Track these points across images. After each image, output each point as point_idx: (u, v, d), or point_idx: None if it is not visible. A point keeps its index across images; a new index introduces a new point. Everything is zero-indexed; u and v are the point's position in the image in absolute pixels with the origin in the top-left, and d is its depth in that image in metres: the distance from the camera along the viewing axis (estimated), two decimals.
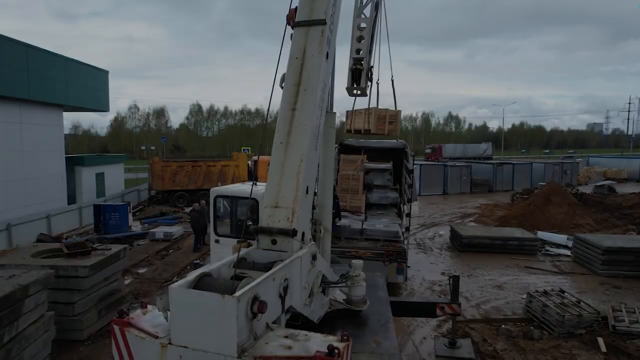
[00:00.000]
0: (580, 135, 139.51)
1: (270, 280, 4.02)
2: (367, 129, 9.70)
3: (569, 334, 9.67)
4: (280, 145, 5.24)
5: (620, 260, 13.39)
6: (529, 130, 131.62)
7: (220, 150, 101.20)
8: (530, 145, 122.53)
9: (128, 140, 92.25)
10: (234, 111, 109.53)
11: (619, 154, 79.10)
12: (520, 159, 74.03)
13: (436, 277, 13.52)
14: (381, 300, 7.45)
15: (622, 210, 24.31)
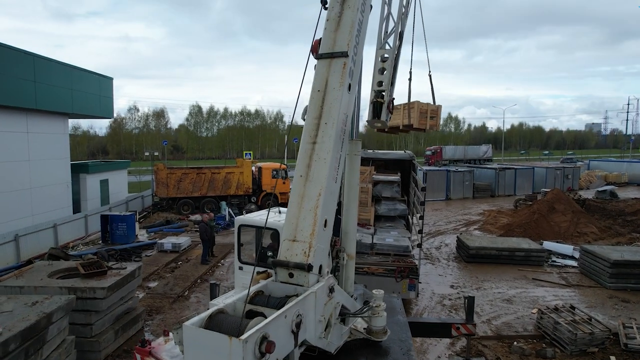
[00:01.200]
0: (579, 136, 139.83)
1: (281, 318, 4.12)
2: (407, 125, 9.38)
3: (581, 352, 9.76)
4: (300, 179, 5.33)
5: (628, 274, 13.50)
6: (527, 131, 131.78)
7: (219, 151, 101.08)
8: (529, 146, 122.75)
9: (128, 142, 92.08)
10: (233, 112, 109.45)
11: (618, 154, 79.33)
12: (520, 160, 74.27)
13: (445, 290, 13.60)
14: (401, 325, 7.53)
15: (624, 217, 24.47)
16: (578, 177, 37.08)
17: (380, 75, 6.39)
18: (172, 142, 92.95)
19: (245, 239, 8.49)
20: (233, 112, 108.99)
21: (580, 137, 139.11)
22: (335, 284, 5.41)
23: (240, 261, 8.25)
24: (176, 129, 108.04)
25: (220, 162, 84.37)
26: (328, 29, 5.78)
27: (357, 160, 7.15)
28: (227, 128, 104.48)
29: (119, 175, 30.08)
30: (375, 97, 6.40)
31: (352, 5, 5.64)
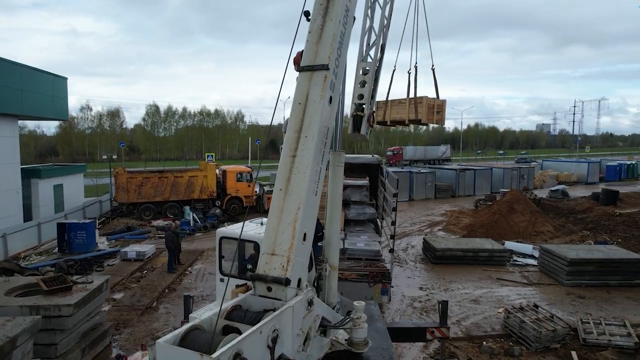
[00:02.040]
0: (531, 136, 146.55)
1: (256, 333, 4.17)
2: (413, 119, 9.42)
3: (545, 349, 10.22)
4: (279, 192, 5.33)
5: (583, 271, 14.26)
6: (483, 131, 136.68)
7: (178, 152, 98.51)
8: (485, 146, 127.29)
9: (80, 142, 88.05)
10: (192, 112, 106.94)
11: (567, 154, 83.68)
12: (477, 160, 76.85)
13: (415, 292, 13.87)
14: (381, 333, 7.63)
15: (576, 215, 25.87)
16: (532, 177, 38.85)
17: (361, 88, 6.42)
18: (128, 142, 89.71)
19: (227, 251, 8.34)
20: (192, 112, 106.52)
21: (532, 137, 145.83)
22: (314, 297, 5.41)
23: (222, 273, 8.10)
24: (132, 129, 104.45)
25: (179, 163, 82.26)
26: (310, 41, 5.77)
27: (340, 171, 7.16)
28: (185, 128, 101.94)
29: (74, 179, 28.71)
30: (355, 110, 6.42)
31: (334, 17, 5.64)
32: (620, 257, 14.42)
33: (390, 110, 9.95)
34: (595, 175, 42.65)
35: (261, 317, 4.65)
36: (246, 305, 5.15)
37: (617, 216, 24.92)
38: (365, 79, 6.39)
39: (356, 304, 6.73)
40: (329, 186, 7.20)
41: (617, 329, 10.79)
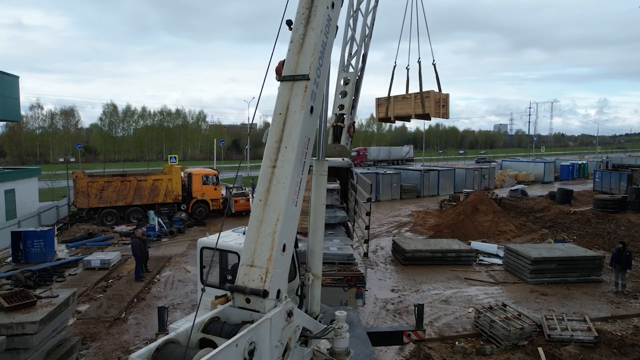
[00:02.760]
0: (489, 136, 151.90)
1: (232, 347, 4.12)
2: (420, 114, 9.38)
3: (514, 346, 10.60)
4: (259, 203, 5.31)
5: (545, 269, 14.88)
6: (444, 131, 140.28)
7: (137, 152, 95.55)
8: (446, 146, 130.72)
9: (30, 143, 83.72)
10: (152, 111, 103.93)
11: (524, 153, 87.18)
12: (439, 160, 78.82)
13: (387, 294, 14.05)
14: (362, 339, 7.69)
15: (535, 214, 26.99)
16: (493, 177, 40.22)
17: (341, 99, 6.41)
18: (84, 143, 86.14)
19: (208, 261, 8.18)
20: (152, 112, 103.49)
21: (490, 137, 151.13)
22: (294, 308, 5.41)
23: (203, 283, 7.95)
24: (87, 129, 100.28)
25: (139, 164, 79.80)
26: (291, 51, 5.74)
27: (323, 180, 7.15)
28: (145, 128, 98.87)
29: (27, 183, 27.32)
30: (335, 120, 6.41)
31: (316, 27, 5.63)
32: (578, 255, 15.15)
33: (394, 106, 9.92)
34: (551, 175, 44.69)
35: (239, 329, 4.63)
36: (225, 317, 5.11)
37: (572, 214, 26.22)
38: (346, 89, 6.39)
39: (338, 313, 6.74)
40: (312, 195, 7.18)
41: (578, 324, 11.34)
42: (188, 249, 19.53)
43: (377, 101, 10.56)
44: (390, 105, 9.82)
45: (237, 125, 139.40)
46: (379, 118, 10.26)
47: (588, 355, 10.22)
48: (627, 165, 40.95)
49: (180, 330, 4.81)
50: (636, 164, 42.61)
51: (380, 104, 10.30)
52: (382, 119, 10.26)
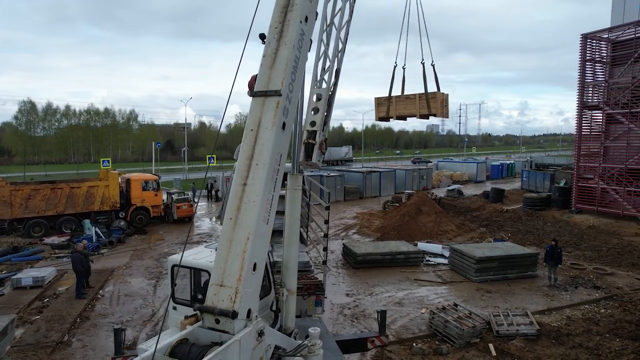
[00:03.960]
0: (423, 136, 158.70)
1: None
2: (425, 114, 9.41)
3: (467, 344, 11.15)
4: (229, 221, 5.28)
5: (488, 268, 15.79)
6: (380, 132, 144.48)
7: (61, 154, 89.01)
8: (382, 146, 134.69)
9: None
10: (77, 110, 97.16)
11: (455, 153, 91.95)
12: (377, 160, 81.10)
13: (342, 299, 14.22)
14: (333, 350, 7.75)
15: (472, 213, 28.55)
16: (431, 178, 42.06)
17: (313, 115, 6.40)
18: None
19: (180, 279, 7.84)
20: (77, 110, 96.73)
21: (424, 137, 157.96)
22: (265, 327, 5.37)
23: (174, 301, 7.61)
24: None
25: (64, 167, 74.36)
26: (264, 66, 5.68)
27: (298, 194, 7.09)
28: (70, 128, 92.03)
29: None
30: (307, 137, 6.38)
31: (289, 42, 5.59)
32: (517, 253, 16.24)
33: (396, 106, 9.98)
34: (483, 174, 47.58)
35: (207, 351, 4.54)
36: (194, 338, 5.02)
37: (505, 212, 28.06)
38: (318, 106, 6.38)
39: (312, 330, 6.75)
40: (287, 210, 7.12)
41: (521, 319, 12.16)
42: (131, 260, 18.53)
43: (376, 101, 10.64)
44: (392, 105, 9.96)
45: (171, 125, 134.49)
46: (379, 117, 10.36)
47: (532, 348, 10.99)
48: (547, 165, 44.55)
49: (146, 355, 4.59)
50: (554, 163, 46.37)
51: (380, 103, 10.37)
52: (382, 118, 10.41)
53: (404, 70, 9.64)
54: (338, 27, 6.23)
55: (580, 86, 26.37)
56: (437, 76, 9.45)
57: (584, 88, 26.33)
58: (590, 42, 25.93)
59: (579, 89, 26.42)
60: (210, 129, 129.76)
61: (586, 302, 14.09)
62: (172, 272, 7.62)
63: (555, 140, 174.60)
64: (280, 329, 6.99)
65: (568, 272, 16.59)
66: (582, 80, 26.29)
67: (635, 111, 23.90)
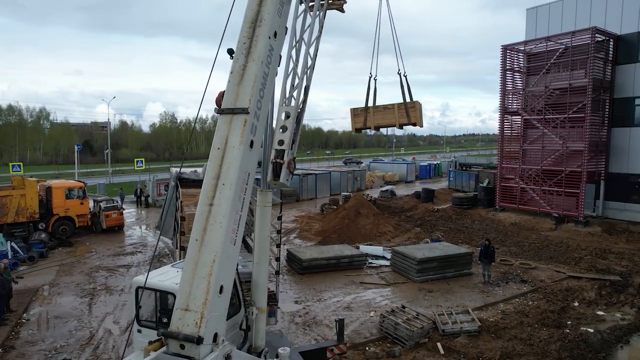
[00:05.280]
0: (352, 137, 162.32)
1: None
2: (405, 123, 9.37)
3: (417, 344, 11.61)
4: (195, 243, 5.28)
5: (428, 268, 16.54)
6: (310, 132, 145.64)
7: None
8: (313, 146, 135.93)
9: None
10: None
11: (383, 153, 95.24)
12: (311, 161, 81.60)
13: (292, 307, 14.16)
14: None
15: (405, 213, 29.72)
16: (364, 179, 43.19)
17: (281, 134, 6.32)
18: None
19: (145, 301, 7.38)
20: None
21: (353, 137, 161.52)
22: (232, 350, 5.32)
23: (139, 324, 7.16)
24: None
25: None
26: (231, 82, 5.60)
27: (267, 211, 6.96)
28: None
29: None
30: (275, 156, 6.30)
31: (257, 58, 5.53)
32: (454, 253, 17.19)
33: (374, 116, 9.98)
34: (413, 175, 49.78)
35: None
36: None
37: (436, 212, 29.56)
38: (287, 124, 6.31)
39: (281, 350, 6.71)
40: (257, 227, 6.98)
41: (464, 317, 12.89)
42: (58, 277, 17.05)
43: (352, 111, 10.62)
44: (369, 116, 9.99)
45: (88, 124, 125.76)
46: (356, 128, 10.34)
47: (475, 344, 11.69)
48: (470, 164, 47.63)
49: None
50: (476, 162, 49.72)
51: (356, 114, 10.35)
52: (359, 129, 10.41)
53: (375, 81, 9.85)
54: (307, 43, 6.19)
55: (502, 93, 28.51)
56: (409, 86, 9.78)
57: (505, 95, 28.49)
58: (509, 53, 28.11)
59: (501, 96, 28.56)
60: (133, 128, 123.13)
61: (516, 296, 15.27)
62: (136, 294, 7.23)
63: (474, 140, 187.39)
64: (250, 348, 6.84)
65: (499, 268, 17.85)
66: (503, 88, 28.44)
67: (548, 117, 26.31)
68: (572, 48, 25.17)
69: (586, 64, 24.53)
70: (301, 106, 6.43)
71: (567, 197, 25.42)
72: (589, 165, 24.78)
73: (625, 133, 25.70)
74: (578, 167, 24.87)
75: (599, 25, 25.16)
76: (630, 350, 12.07)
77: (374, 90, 10.24)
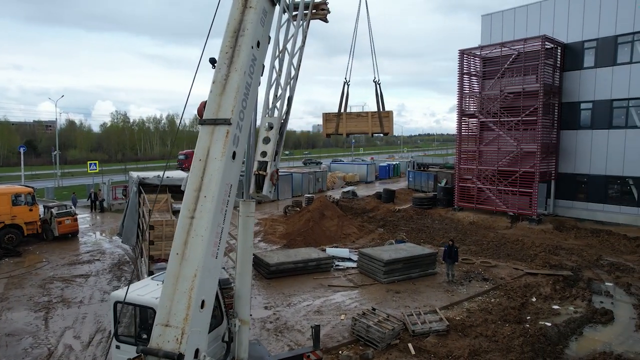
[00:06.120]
0: (310, 137, 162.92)
1: None
2: (377, 132, 9.32)
3: (389, 346, 11.78)
4: (176, 257, 5.23)
5: (394, 269, 16.83)
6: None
7: None
8: None
9: None
10: None
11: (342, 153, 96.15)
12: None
13: (262, 313, 14.00)
14: None
15: (368, 214, 30.13)
16: (326, 180, 43.37)
17: (264, 145, 6.25)
18: None
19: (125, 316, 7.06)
20: None
21: (311, 137, 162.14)
22: None
23: (118, 340, 6.85)
24: None
25: None
26: (213, 92, 5.51)
27: (250, 222, 6.85)
28: None
29: None
30: (258, 168, 6.22)
31: (240, 68, 5.47)
32: (419, 253, 17.58)
33: (346, 123, 9.86)
34: (373, 175, 50.54)
35: None
36: None
37: (397, 212, 30.16)
38: (270, 135, 6.24)
39: None
40: (239, 238, 6.86)
41: (432, 317, 13.21)
42: (7, 290, 15.98)
43: (324, 116, 10.46)
44: (342, 122, 9.90)
45: (29, 122, 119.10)
46: (327, 134, 10.22)
47: (444, 343, 12.01)
48: (427, 164, 48.96)
49: None
50: (432, 162, 51.17)
51: (328, 119, 10.21)
52: (331, 134, 10.28)
53: (347, 86, 9.83)
54: (291, 53, 6.13)
55: (460, 96, 29.47)
56: (382, 94, 9.84)
57: (462, 98, 29.48)
58: (466, 58, 29.11)
59: (459, 99, 29.52)
60: (82, 128, 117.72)
61: (479, 294, 15.83)
62: (114, 309, 6.94)
63: (430, 140, 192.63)
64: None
65: (461, 267, 18.42)
66: (461, 91, 29.42)
67: (503, 120, 27.47)
68: (524, 54, 26.41)
69: (537, 69, 25.80)
70: (284, 117, 6.37)
71: (521, 197, 26.67)
72: (541, 165, 26.10)
73: (572, 135, 27.29)
74: (531, 168, 26.13)
75: (548, 34, 26.55)
76: (584, 341, 12.81)
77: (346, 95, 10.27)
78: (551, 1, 27.48)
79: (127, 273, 17.88)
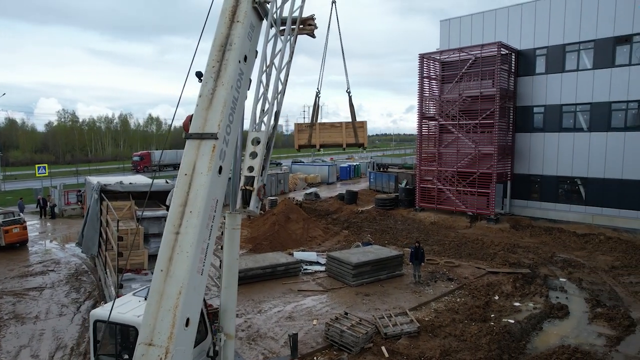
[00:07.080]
0: None
1: None
2: (353, 143, 9.11)
3: (362, 350, 11.88)
4: (160, 274, 5.16)
5: (363, 272, 16.99)
6: None
7: None
8: None
9: None
10: None
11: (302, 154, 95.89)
12: None
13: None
14: None
15: (331, 216, 30.28)
16: (288, 181, 43.17)
17: (251, 160, 6.15)
18: None
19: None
20: None
21: None
22: None
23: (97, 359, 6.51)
24: None
25: None
26: (200, 106, 5.43)
27: (236, 234, 6.71)
28: None
29: None
30: (245, 183, 6.12)
31: (226, 82, 5.41)
32: (386, 256, 17.83)
33: (320, 133, 9.60)
34: (334, 176, 50.81)
35: None
36: None
37: (360, 214, 30.49)
38: (257, 150, 6.15)
39: None
40: (225, 250, 6.72)
41: (402, 319, 13.45)
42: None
43: (296, 127, 10.17)
44: (315, 133, 9.68)
45: None
46: (300, 145, 9.97)
47: (416, 344, 12.26)
48: (387, 165, 49.84)
49: None
50: (392, 162, 52.19)
51: (300, 130, 9.93)
52: (303, 145, 10.04)
53: (319, 98, 9.75)
54: (278, 68, 6.06)
55: (420, 99, 30.18)
56: (353, 105, 9.81)
57: (422, 101, 30.20)
58: (426, 62, 29.85)
59: (419, 102, 30.22)
60: (25, 127, 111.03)
61: (445, 294, 16.27)
62: (94, 328, 6.60)
63: (387, 140, 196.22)
64: None
65: (426, 267, 18.86)
66: (421, 94, 30.13)
67: (462, 122, 28.39)
68: (481, 59, 27.42)
69: (494, 74, 26.86)
70: (271, 132, 6.29)
71: (480, 197, 27.68)
72: (497, 167, 27.20)
73: (526, 138, 28.62)
74: (488, 169, 27.17)
75: (503, 40, 27.70)
76: (544, 335, 13.47)
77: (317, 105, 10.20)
78: (505, 9, 28.68)
79: (87, 284, 17.04)
